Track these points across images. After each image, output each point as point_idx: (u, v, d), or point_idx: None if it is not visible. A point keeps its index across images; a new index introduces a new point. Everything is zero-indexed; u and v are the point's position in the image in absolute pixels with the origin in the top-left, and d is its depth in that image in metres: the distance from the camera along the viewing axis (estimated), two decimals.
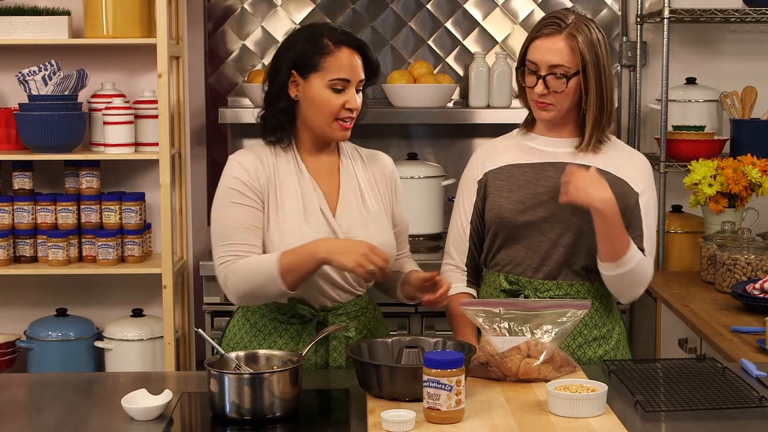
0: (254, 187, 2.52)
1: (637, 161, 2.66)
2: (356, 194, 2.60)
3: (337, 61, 2.50)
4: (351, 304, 2.61)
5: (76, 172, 3.91)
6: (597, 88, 2.55)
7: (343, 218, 2.56)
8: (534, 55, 2.57)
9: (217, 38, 4.26)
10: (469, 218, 2.69)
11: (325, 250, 2.40)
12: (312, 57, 2.50)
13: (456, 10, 4.31)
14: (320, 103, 2.51)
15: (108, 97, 3.86)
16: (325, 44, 2.51)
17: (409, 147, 4.31)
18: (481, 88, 4.15)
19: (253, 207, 2.51)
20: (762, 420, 2.16)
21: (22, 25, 3.77)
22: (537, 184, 2.62)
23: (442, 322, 3.81)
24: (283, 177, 2.55)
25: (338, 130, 2.54)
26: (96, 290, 4.09)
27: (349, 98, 2.51)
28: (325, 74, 2.50)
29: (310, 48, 2.51)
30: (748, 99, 4.02)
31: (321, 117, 2.52)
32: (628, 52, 4.28)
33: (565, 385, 2.19)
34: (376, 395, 2.25)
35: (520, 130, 2.72)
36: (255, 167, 2.53)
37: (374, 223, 2.59)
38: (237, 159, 2.56)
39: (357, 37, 2.57)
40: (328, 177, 2.60)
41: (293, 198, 2.54)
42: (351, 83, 2.51)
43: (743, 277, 3.44)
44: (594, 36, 2.56)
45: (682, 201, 4.11)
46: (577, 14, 2.58)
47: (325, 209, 2.55)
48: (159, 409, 2.19)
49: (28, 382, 2.59)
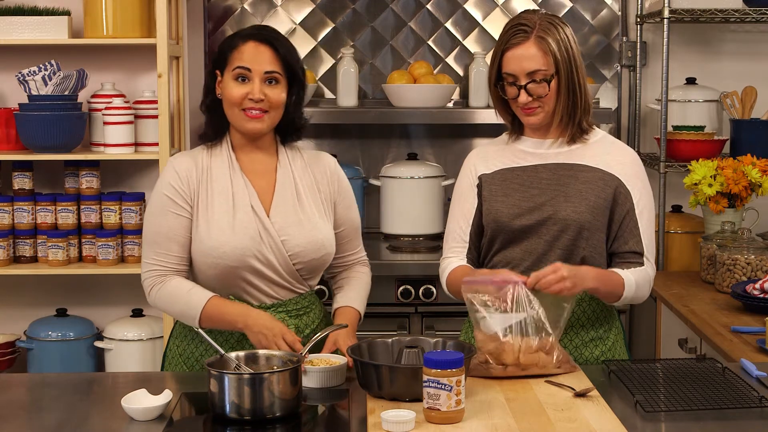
0: (184, 193, 2.59)
1: (627, 157, 2.66)
2: (292, 193, 2.63)
3: (239, 53, 2.58)
4: (292, 302, 2.63)
5: (76, 172, 3.91)
6: (567, 80, 2.55)
7: (278, 216, 2.60)
8: (509, 67, 2.56)
9: (217, 38, 4.26)
10: (470, 222, 2.68)
11: (245, 324, 2.51)
12: (224, 53, 2.61)
13: (456, 10, 4.31)
14: (227, 95, 2.58)
15: (108, 97, 3.86)
16: (234, 41, 2.60)
17: (409, 147, 4.31)
18: (481, 88, 4.14)
19: (182, 216, 2.59)
20: (762, 420, 2.16)
21: (22, 25, 3.77)
22: (531, 186, 2.62)
23: (442, 322, 3.82)
24: (215, 176, 2.61)
25: (245, 120, 2.58)
26: (96, 290, 4.09)
27: (252, 88, 2.56)
28: (230, 67, 2.58)
29: (224, 46, 2.62)
30: (748, 99, 4.02)
31: (230, 109, 2.59)
32: (628, 52, 4.28)
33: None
34: (376, 395, 2.25)
35: (509, 137, 2.71)
36: (188, 171, 2.61)
37: (309, 222, 2.62)
38: (172, 162, 2.64)
39: (270, 32, 2.61)
40: (264, 176, 2.64)
41: (223, 195, 2.59)
42: (253, 73, 2.56)
43: (743, 277, 3.44)
44: (561, 33, 2.55)
45: (682, 201, 4.11)
46: (540, 14, 2.57)
47: (258, 208, 2.59)
48: (159, 409, 2.19)
49: (28, 382, 2.59)
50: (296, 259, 2.60)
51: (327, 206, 2.68)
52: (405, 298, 3.83)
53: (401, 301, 3.83)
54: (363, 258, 2.82)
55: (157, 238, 2.60)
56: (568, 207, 2.57)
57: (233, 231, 2.55)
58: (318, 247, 2.61)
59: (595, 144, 2.65)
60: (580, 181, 2.60)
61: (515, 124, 2.68)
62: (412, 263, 3.85)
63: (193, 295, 2.56)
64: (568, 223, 2.56)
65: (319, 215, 2.64)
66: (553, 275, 2.39)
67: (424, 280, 3.82)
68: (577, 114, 2.60)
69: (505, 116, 2.68)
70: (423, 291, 3.82)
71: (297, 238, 2.58)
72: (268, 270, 2.58)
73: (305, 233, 2.60)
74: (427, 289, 3.82)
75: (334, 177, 2.71)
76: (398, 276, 3.83)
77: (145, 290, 2.63)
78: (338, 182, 2.72)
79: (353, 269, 2.78)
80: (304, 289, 2.67)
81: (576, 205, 2.57)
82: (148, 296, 2.63)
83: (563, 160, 2.63)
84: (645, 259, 2.60)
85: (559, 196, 2.59)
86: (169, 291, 2.58)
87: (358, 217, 2.78)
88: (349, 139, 4.34)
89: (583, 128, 2.63)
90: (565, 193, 2.59)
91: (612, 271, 2.56)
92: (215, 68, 2.62)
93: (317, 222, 2.63)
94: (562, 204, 2.58)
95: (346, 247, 2.75)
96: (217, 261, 2.55)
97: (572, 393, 2.27)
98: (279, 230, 2.58)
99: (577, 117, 2.60)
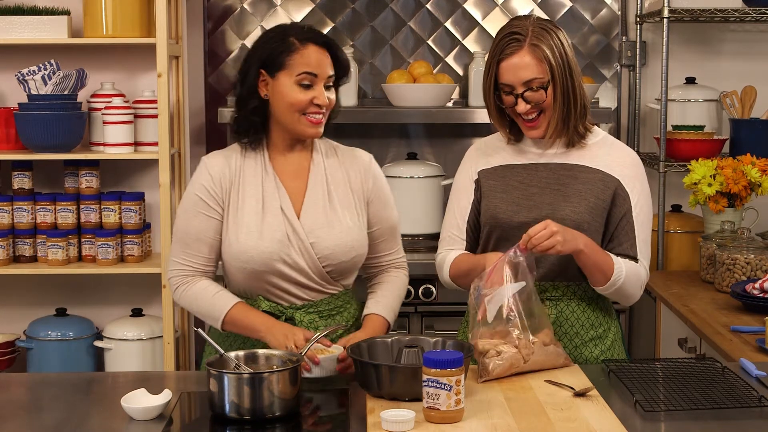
0: (216, 194, 2.58)
1: (628, 158, 2.65)
2: (323, 194, 2.61)
3: (303, 58, 2.54)
4: (323, 302, 2.61)
5: (75, 171, 3.90)
6: (563, 86, 2.54)
7: (308, 219, 2.58)
8: (505, 78, 2.55)
9: (216, 38, 4.26)
10: (466, 217, 2.68)
11: (266, 332, 2.50)
12: (279, 55, 2.54)
13: (455, 9, 4.31)
14: (288, 100, 2.54)
15: (107, 96, 3.86)
16: (291, 42, 2.55)
17: (408, 147, 4.31)
18: (481, 87, 4.14)
19: (213, 218, 2.58)
20: (761, 420, 2.16)
21: (21, 25, 3.77)
22: (530, 184, 2.62)
23: (442, 321, 3.82)
24: (248, 178, 2.59)
25: (308, 126, 2.56)
26: (95, 290, 4.09)
27: (317, 94, 2.54)
28: (292, 71, 2.53)
29: (277, 47, 2.56)
30: (748, 99, 4.02)
31: (290, 113, 2.55)
32: (627, 51, 4.28)
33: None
34: (375, 395, 2.25)
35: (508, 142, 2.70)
36: (221, 171, 2.59)
37: (339, 223, 2.60)
38: (205, 162, 2.63)
39: (324, 34, 2.61)
40: (296, 177, 2.62)
41: (254, 198, 2.57)
42: (318, 78, 2.54)
43: (743, 277, 3.44)
44: (555, 38, 2.54)
45: (681, 201, 4.11)
46: (532, 20, 2.56)
47: (288, 210, 2.57)
48: (158, 408, 2.19)
49: (28, 382, 2.59)
50: (326, 261, 2.58)
51: (360, 205, 2.65)
52: (404, 297, 3.82)
53: None
54: (399, 259, 2.77)
55: (187, 238, 2.59)
56: (567, 207, 2.57)
57: (261, 235, 2.53)
58: (347, 250, 2.58)
59: (595, 145, 2.65)
60: (580, 182, 2.60)
61: (513, 131, 2.67)
62: (412, 263, 3.79)
63: (219, 298, 2.56)
64: (566, 223, 2.56)
65: (350, 216, 2.62)
66: (544, 231, 2.40)
67: (423, 280, 3.82)
68: (572, 119, 2.58)
69: (501, 126, 2.66)
70: (422, 290, 3.82)
71: (326, 241, 2.56)
72: (296, 273, 2.56)
73: (335, 235, 2.57)
74: (427, 288, 3.82)
75: (368, 174, 2.68)
76: None
77: (171, 288, 2.64)
78: (373, 180, 2.68)
79: (389, 272, 2.74)
80: (336, 290, 2.64)
81: (575, 205, 2.57)
82: (174, 293, 2.63)
83: (563, 160, 2.63)
84: (639, 263, 2.60)
85: (558, 196, 2.59)
86: (195, 292, 2.58)
87: (394, 216, 2.73)
88: (349, 139, 4.29)
89: (579, 132, 2.62)
90: (565, 193, 2.59)
91: (605, 251, 2.55)
92: (261, 68, 2.56)
93: (347, 223, 2.60)
94: (560, 203, 2.58)
95: (381, 247, 2.71)
96: (245, 265, 2.55)
97: (572, 393, 2.27)
98: (308, 232, 2.56)
99: (572, 122, 2.58)
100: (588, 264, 2.51)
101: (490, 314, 2.40)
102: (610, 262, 2.53)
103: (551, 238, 2.41)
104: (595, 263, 2.51)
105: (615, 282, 2.53)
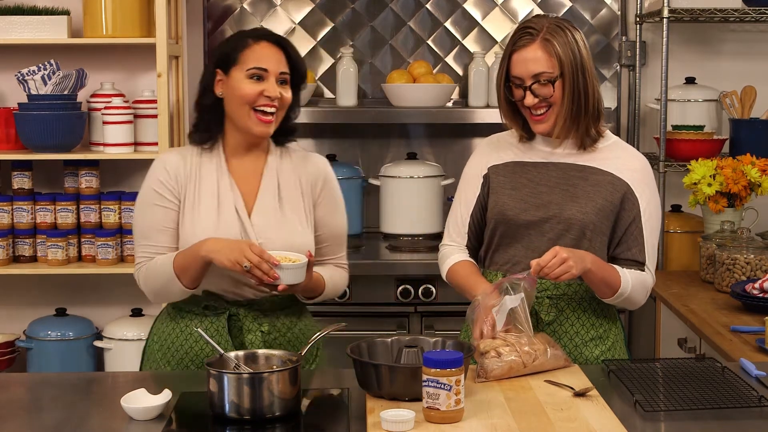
0: (172, 187, 2.61)
1: (638, 163, 2.65)
2: (274, 196, 2.63)
3: (254, 53, 2.57)
4: (267, 301, 2.62)
5: (75, 171, 3.91)
6: (573, 83, 2.55)
7: (259, 218, 2.60)
8: (516, 70, 2.57)
9: (216, 38, 4.26)
10: (470, 211, 2.69)
11: (207, 249, 2.48)
12: (232, 52, 2.59)
13: (455, 9, 4.31)
14: (239, 93, 2.56)
15: (107, 96, 3.86)
16: (245, 41, 2.60)
17: (408, 147, 4.31)
18: (481, 87, 4.15)
19: (170, 208, 2.60)
20: (761, 420, 2.16)
21: (21, 25, 3.77)
22: (539, 183, 2.63)
23: (442, 321, 3.82)
24: (204, 176, 2.62)
25: (257, 123, 2.58)
26: (95, 290, 4.09)
27: (268, 86, 2.56)
28: (243, 66, 2.57)
29: (232, 45, 2.61)
30: (748, 98, 4.03)
31: (240, 107, 2.57)
32: (627, 51, 4.28)
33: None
34: (375, 395, 2.25)
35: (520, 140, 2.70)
36: (176, 167, 2.62)
37: (288, 224, 2.61)
38: (161, 159, 2.66)
39: (279, 35, 2.64)
40: (250, 178, 2.64)
41: (209, 196, 2.60)
42: (269, 73, 2.57)
43: (742, 277, 3.45)
44: (570, 36, 2.55)
45: (681, 200, 4.11)
46: (550, 19, 2.58)
47: (241, 209, 2.60)
48: (158, 408, 2.19)
49: (28, 382, 2.59)
50: None
51: (308, 209, 2.67)
52: (404, 297, 3.83)
53: (401, 301, 3.83)
54: (342, 264, 2.76)
55: (146, 230, 2.61)
56: (574, 207, 2.57)
57: (216, 232, 2.55)
58: (296, 251, 2.56)
59: (606, 148, 2.64)
60: (590, 183, 2.60)
61: (526, 129, 2.67)
62: (412, 263, 3.85)
63: (163, 259, 2.57)
64: (572, 223, 2.56)
65: (299, 219, 2.64)
66: (555, 259, 2.40)
67: (423, 280, 3.82)
68: (582, 120, 2.58)
69: (514, 123, 2.66)
70: (422, 290, 3.82)
71: (275, 242, 2.57)
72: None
73: (284, 236, 2.59)
74: (427, 288, 3.82)
75: (319, 179, 2.69)
76: (398, 276, 3.83)
77: (139, 285, 2.65)
78: (323, 184, 2.69)
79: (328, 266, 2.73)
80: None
81: (582, 205, 2.57)
82: (141, 287, 2.65)
83: (574, 161, 2.63)
84: (646, 269, 2.60)
85: (566, 196, 2.59)
86: (148, 268, 2.60)
87: (342, 224, 2.73)
88: (349, 139, 4.34)
89: (591, 135, 2.61)
90: (573, 193, 2.59)
91: (610, 264, 2.56)
92: (217, 67, 2.61)
93: (296, 226, 2.63)
94: (568, 203, 2.58)
95: (325, 251, 2.70)
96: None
97: (572, 393, 2.27)
98: (258, 233, 2.59)
99: (583, 122, 2.58)
100: (595, 280, 2.52)
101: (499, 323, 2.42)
102: (617, 276, 2.54)
103: (563, 264, 2.40)
104: (602, 279, 2.52)
105: (621, 294, 2.55)
